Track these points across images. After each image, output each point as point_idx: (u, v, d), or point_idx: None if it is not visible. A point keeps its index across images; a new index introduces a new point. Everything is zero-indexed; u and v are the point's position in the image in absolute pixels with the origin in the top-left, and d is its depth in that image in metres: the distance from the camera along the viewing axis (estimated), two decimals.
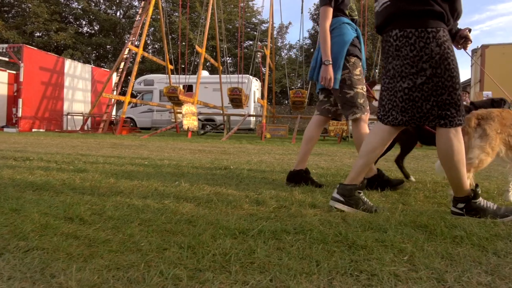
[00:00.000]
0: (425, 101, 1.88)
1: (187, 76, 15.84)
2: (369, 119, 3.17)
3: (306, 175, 2.89)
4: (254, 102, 17.50)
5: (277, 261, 1.24)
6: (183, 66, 19.48)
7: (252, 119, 17.92)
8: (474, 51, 15.74)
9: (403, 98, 1.93)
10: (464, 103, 9.62)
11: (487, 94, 11.10)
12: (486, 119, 2.28)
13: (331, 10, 2.65)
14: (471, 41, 2.26)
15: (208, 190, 2.51)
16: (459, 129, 1.94)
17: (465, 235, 1.56)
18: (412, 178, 3.38)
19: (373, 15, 24.08)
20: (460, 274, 1.17)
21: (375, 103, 2.91)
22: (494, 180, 3.52)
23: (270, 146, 8.21)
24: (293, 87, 25.79)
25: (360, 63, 2.78)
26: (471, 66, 16.23)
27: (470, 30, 2.24)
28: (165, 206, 2.03)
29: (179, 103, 13.02)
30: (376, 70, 18.68)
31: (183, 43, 20.12)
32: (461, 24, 2.97)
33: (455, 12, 1.94)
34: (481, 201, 1.96)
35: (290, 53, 33.95)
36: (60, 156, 4.56)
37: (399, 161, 3.56)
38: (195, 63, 15.12)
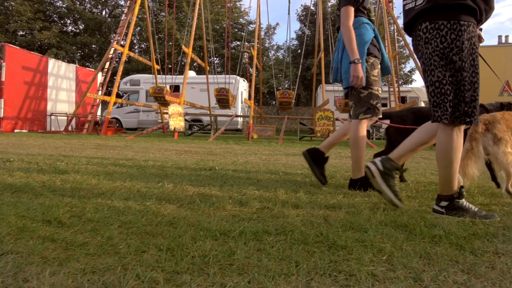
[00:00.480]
0: (454, 95, 1.87)
1: (174, 76, 15.73)
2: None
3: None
4: (242, 102, 17.49)
5: (257, 262, 1.23)
6: (170, 66, 19.36)
7: (240, 119, 17.90)
8: None
9: (435, 92, 1.92)
10: None
11: None
12: (493, 123, 2.29)
13: (353, 9, 2.65)
14: (483, 40, 2.30)
15: (192, 191, 2.50)
16: (462, 128, 1.95)
17: (444, 235, 1.58)
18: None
19: None
20: (437, 273, 1.18)
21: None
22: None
23: (257, 147, 8.21)
24: (280, 87, 25.86)
25: (379, 65, 2.80)
26: None
27: (481, 29, 2.27)
28: (147, 207, 2.01)
29: (165, 104, 12.91)
30: None
31: (170, 43, 19.98)
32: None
33: (490, 10, 1.95)
34: (464, 201, 2.00)
35: (278, 54, 34.07)
36: (41, 157, 4.47)
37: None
38: (182, 63, 15.03)
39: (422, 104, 18.45)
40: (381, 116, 2.82)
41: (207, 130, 15.28)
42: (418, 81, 40.72)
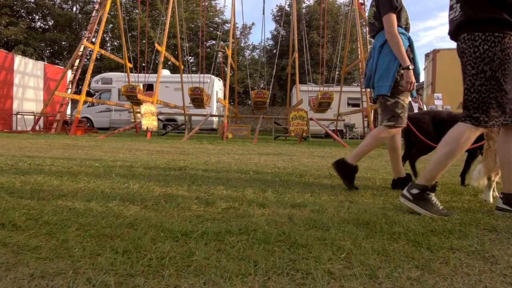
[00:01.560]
0: (482, 102, 2.00)
1: (147, 74, 15.45)
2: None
3: (410, 180, 2.92)
4: (217, 102, 17.39)
5: (215, 263, 1.22)
6: (143, 64, 19.00)
7: (215, 119, 17.80)
8: (426, 55, 16.58)
9: (467, 99, 2.06)
10: (416, 105, 9.99)
11: (438, 96, 11.71)
12: None
13: (395, 16, 2.68)
14: None
15: (158, 192, 2.45)
16: (477, 132, 2.07)
17: (403, 231, 1.61)
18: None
19: (333, 18, 24.67)
20: (392, 270, 1.20)
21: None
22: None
23: (231, 147, 8.19)
24: (255, 87, 25.91)
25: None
26: (424, 69, 17.07)
27: None
28: (109, 209, 1.95)
29: (138, 103, 12.66)
30: (337, 72, 19.12)
31: (143, 41, 19.61)
32: (415, 29, 3.09)
33: None
34: (432, 196, 2.06)
35: (254, 53, 34.12)
36: (3, 158, 4.28)
37: (412, 160, 3.64)
38: (156, 61, 14.77)
39: None
40: (404, 126, 2.86)
41: (182, 130, 15.10)
42: None
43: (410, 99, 10.57)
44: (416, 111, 9.73)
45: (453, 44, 2.39)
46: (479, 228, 1.80)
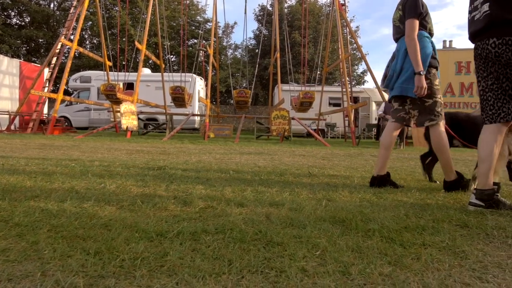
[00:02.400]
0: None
1: (127, 73, 15.20)
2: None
3: (388, 179, 3.02)
4: (199, 101, 17.27)
5: (189, 263, 1.20)
6: (123, 63, 18.70)
7: (197, 118, 17.68)
8: None
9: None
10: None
11: None
12: None
13: (418, 22, 2.76)
14: None
15: (135, 192, 2.41)
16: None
17: (377, 228, 1.64)
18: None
19: (314, 18, 24.77)
20: (365, 266, 1.22)
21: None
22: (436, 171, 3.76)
23: (213, 146, 8.15)
24: (238, 86, 25.88)
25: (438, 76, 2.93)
26: None
27: None
28: (83, 210, 1.91)
29: (117, 102, 12.44)
30: (318, 72, 19.29)
31: (123, 39, 19.28)
32: (390, 31, 3.14)
33: None
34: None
35: (236, 53, 34.04)
36: None
37: (427, 161, 3.66)
38: (137, 60, 14.55)
39: (373, 104, 19.26)
40: (443, 121, 2.93)
41: (163, 129, 14.93)
42: (370, 82, 42.43)
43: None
44: None
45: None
46: (452, 224, 1.84)
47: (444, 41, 27.07)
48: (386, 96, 11.95)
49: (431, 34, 2.93)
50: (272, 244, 1.41)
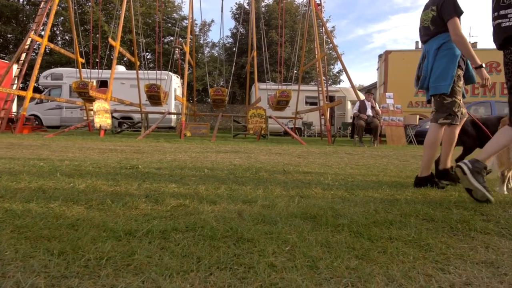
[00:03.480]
0: None
1: (100, 70, 14.83)
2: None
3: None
4: (175, 99, 17.07)
5: (157, 261, 1.19)
6: (97, 60, 18.24)
7: (173, 117, 17.47)
8: (380, 56, 17.29)
9: None
10: (369, 104, 10.32)
11: (389, 95, 12.24)
12: None
13: (459, 20, 2.79)
14: None
15: (105, 191, 2.36)
16: None
17: (347, 223, 1.67)
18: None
19: (291, 18, 24.92)
20: (333, 260, 1.24)
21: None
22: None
23: (189, 145, 8.07)
24: (215, 85, 25.74)
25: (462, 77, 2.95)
26: (377, 69, 17.78)
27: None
28: (50, 210, 1.85)
29: (90, 100, 12.12)
30: (295, 71, 19.43)
31: (97, 36, 18.79)
32: (369, 31, 3.20)
33: None
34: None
35: (213, 51, 33.83)
36: None
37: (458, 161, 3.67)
38: (111, 57, 14.21)
39: (349, 103, 19.59)
40: (460, 124, 2.99)
41: (138, 128, 14.67)
42: (345, 82, 43.14)
43: (363, 97, 10.90)
44: (369, 109, 10.13)
45: (403, 46, 2.54)
46: (418, 218, 1.90)
47: (417, 42, 27.80)
48: (361, 95, 12.10)
49: None
50: (242, 240, 1.41)
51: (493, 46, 2.52)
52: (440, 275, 1.17)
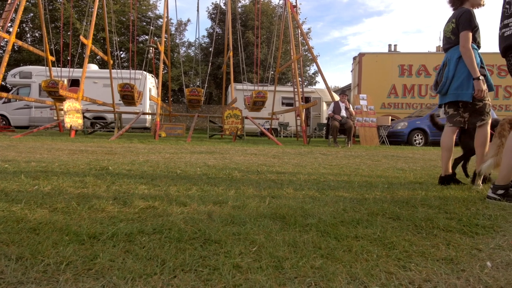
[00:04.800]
0: None
1: (72, 69, 14.40)
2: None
3: (454, 178, 3.28)
4: (150, 99, 16.79)
5: (120, 265, 1.16)
6: (68, 58, 17.71)
7: (148, 117, 17.18)
8: (354, 58, 17.63)
9: None
10: (343, 105, 10.48)
11: (363, 96, 12.50)
12: None
13: (471, 34, 3.05)
14: None
15: (71, 194, 2.29)
16: None
17: (315, 223, 1.69)
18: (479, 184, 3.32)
19: (268, 19, 24.99)
20: (298, 260, 1.25)
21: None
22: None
23: (163, 145, 7.96)
24: (191, 85, 25.51)
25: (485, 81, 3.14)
26: (351, 71, 18.12)
27: None
28: (11, 213, 1.78)
29: (61, 99, 11.75)
30: (271, 72, 19.52)
31: (68, 33, 18.24)
32: (345, 34, 3.28)
33: None
34: None
35: (189, 51, 33.50)
36: None
37: (464, 164, 3.77)
38: (83, 55, 13.82)
39: (324, 104, 19.86)
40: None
41: (111, 128, 14.34)
42: (321, 83, 43.70)
43: (338, 99, 11.07)
44: (343, 111, 10.30)
45: (377, 48, 2.63)
46: (385, 217, 1.94)
47: (390, 45, 28.53)
48: (336, 97, 12.29)
49: (478, 47, 3.21)
50: (209, 242, 1.40)
51: None
52: (401, 273, 1.20)
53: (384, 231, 1.65)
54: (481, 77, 3.09)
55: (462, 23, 3.10)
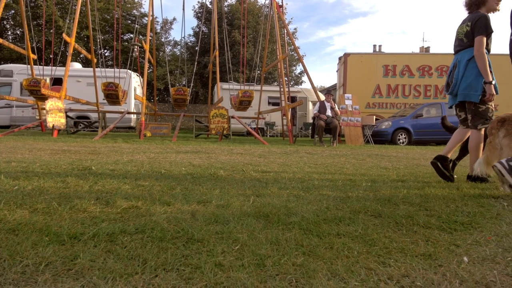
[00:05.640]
0: None
1: (54, 67, 14.12)
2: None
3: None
4: (135, 99, 16.60)
5: (101, 265, 1.15)
6: (51, 56, 17.37)
7: (133, 116, 16.99)
8: (339, 58, 17.78)
9: None
10: (329, 104, 10.57)
11: (348, 96, 12.62)
12: (506, 121, 2.84)
13: (485, 39, 3.16)
14: None
15: (52, 194, 2.25)
16: None
17: (298, 221, 1.70)
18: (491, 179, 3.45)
19: (254, 18, 24.97)
20: (281, 257, 1.26)
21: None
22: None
23: (148, 145, 7.89)
24: (177, 84, 25.32)
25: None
26: (336, 71, 18.28)
27: None
28: None
29: (43, 98, 11.51)
30: (258, 71, 19.54)
31: (50, 31, 17.87)
32: (330, 34, 3.32)
33: None
34: None
35: (175, 49, 33.25)
36: None
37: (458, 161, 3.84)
38: (67, 53, 13.56)
39: (310, 104, 19.99)
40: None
41: (95, 128, 14.13)
42: (307, 83, 44.02)
43: (324, 98, 11.16)
44: (328, 110, 10.39)
45: (362, 49, 2.69)
46: (367, 214, 1.97)
47: (374, 46, 28.87)
48: (321, 96, 12.39)
49: (488, 51, 3.28)
50: (192, 241, 1.40)
51: (445, 51, 2.86)
52: (380, 268, 1.22)
53: (366, 228, 1.68)
54: (493, 82, 3.22)
55: (478, 28, 3.20)
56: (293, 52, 26.63)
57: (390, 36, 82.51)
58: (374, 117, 12.93)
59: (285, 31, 14.88)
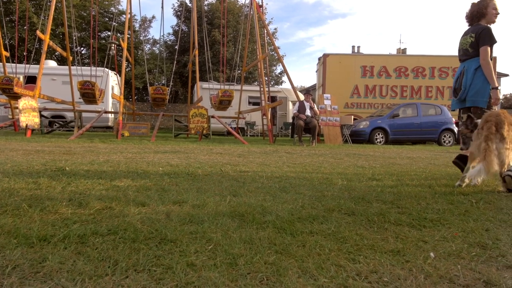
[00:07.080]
0: None
1: (28, 65, 13.70)
2: None
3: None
4: (112, 98, 16.29)
5: (70, 267, 1.14)
6: (24, 53, 16.83)
7: (110, 116, 16.67)
8: (319, 58, 17.99)
9: None
10: (308, 104, 10.64)
11: (327, 96, 12.78)
12: (500, 123, 2.85)
13: (490, 49, 3.40)
14: None
15: (23, 195, 2.19)
16: None
17: (272, 220, 1.72)
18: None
19: (234, 18, 24.88)
20: (253, 256, 1.28)
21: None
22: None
23: (125, 145, 7.76)
24: (156, 83, 25.00)
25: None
26: (316, 72, 18.47)
27: None
28: None
29: (16, 97, 11.15)
30: (238, 71, 19.51)
31: (24, 28, 17.31)
32: (310, 35, 3.35)
33: None
34: None
35: (154, 48, 32.79)
36: None
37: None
38: (41, 51, 13.17)
39: (290, 104, 20.12)
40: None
41: (71, 128, 13.79)
42: (287, 83, 44.27)
43: (303, 98, 11.24)
44: (308, 110, 10.50)
45: (341, 50, 2.69)
46: (341, 213, 2.02)
47: (353, 46, 29.31)
48: (301, 96, 12.47)
49: (491, 59, 3.47)
50: (165, 241, 1.40)
51: (420, 52, 2.91)
52: (350, 265, 1.26)
53: (338, 226, 1.71)
54: (499, 87, 3.41)
55: (482, 39, 3.44)
56: (273, 52, 26.72)
57: (368, 37, 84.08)
58: (352, 117, 13.14)
59: (265, 31, 14.93)
